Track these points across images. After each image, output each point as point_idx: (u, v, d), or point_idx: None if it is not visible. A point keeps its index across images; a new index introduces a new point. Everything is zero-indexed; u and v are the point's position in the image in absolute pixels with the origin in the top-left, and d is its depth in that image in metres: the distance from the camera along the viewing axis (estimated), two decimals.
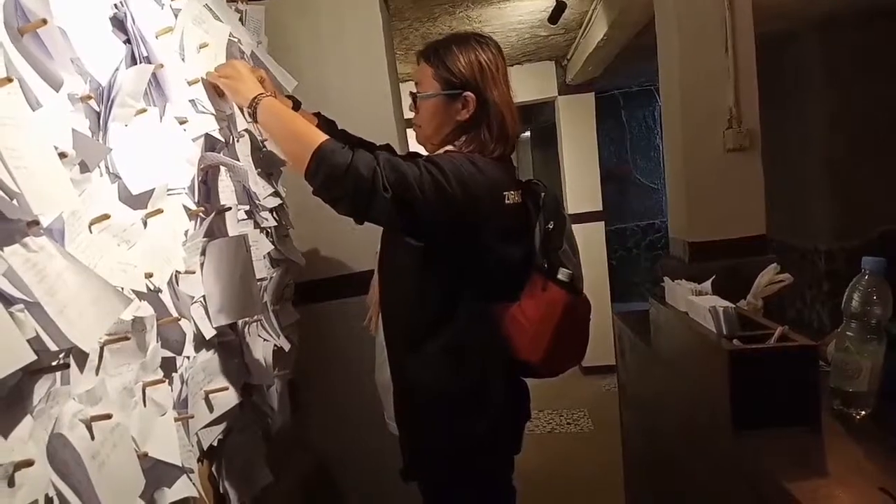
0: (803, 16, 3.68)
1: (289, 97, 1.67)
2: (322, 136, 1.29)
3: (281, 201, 1.79)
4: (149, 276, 1.03)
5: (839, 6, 3.52)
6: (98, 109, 0.98)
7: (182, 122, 1.26)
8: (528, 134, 7.44)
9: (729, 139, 2.18)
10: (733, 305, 1.35)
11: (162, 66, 1.15)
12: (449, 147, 1.43)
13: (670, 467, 1.66)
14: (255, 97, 1.36)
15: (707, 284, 1.55)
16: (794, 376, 1.16)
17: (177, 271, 1.16)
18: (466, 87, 1.40)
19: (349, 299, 2.07)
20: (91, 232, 0.90)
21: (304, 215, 2.08)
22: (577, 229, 5.18)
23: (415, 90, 1.47)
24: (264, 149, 1.72)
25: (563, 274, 1.38)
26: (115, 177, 1.00)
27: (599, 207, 5.04)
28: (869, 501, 0.92)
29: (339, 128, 1.73)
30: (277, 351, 1.65)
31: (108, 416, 0.86)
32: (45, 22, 0.80)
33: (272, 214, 1.71)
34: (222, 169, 1.41)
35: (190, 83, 1.33)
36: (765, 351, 1.18)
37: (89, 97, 0.94)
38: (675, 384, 1.55)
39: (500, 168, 1.41)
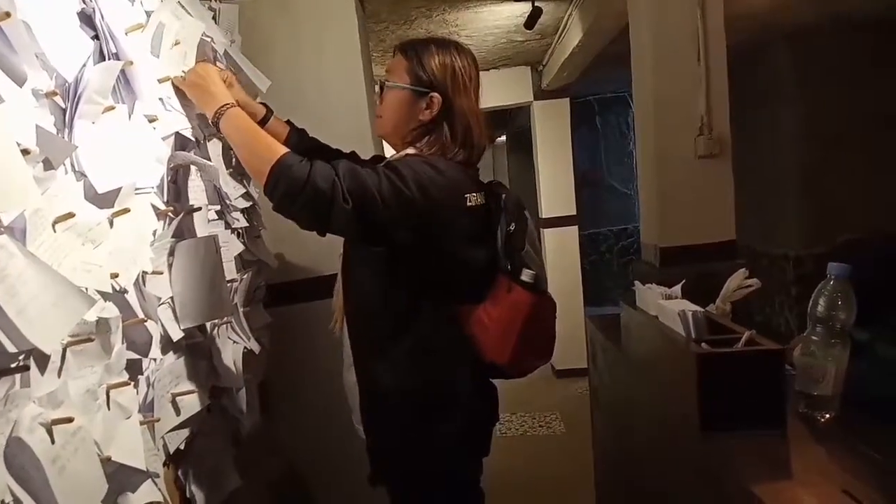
0: (775, 26, 3.76)
1: (262, 104, 1.65)
2: (281, 151, 1.26)
3: (253, 202, 1.77)
4: (114, 276, 1.01)
5: (809, 17, 3.59)
6: (64, 106, 0.96)
7: (152, 120, 1.24)
8: (503, 138, 7.48)
9: (700, 146, 2.22)
10: (702, 309, 1.37)
11: (132, 63, 1.13)
12: (410, 150, 1.42)
13: (640, 469, 1.67)
14: (220, 107, 1.33)
15: (677, 289, 1.57)
16: (760, 380, 1.18)
17: (144, 272, 1.14)
18: (435, 88, 1.39)
19: (321, 302, 2.05)
20: (55, 231, 0.88)
21: (277, 216, 2.05)
22: (551, 234, 5.21)
23: (386, 81, 1.46)
24: None
25: (526, 275, 1.38)
26: (81, 175, 0.98)
27: (573, 212, 5.07)
28: (831, 503, 0.94)
29: (311, 135, 1.71)
30: (247, 354, 1.63)
31: (70, 420, 0.84)
32: (8, 15, 0.78)
33: (243, 215, 1.69)
34: (193, 168, 1.39)
35: (160, 81, 1.31)
36: (732, 354, 1.20)
37: (55, 93, 0.92)
38: (645, 387, 1.56)
39: (462, 170, 1.40)
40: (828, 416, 1.23)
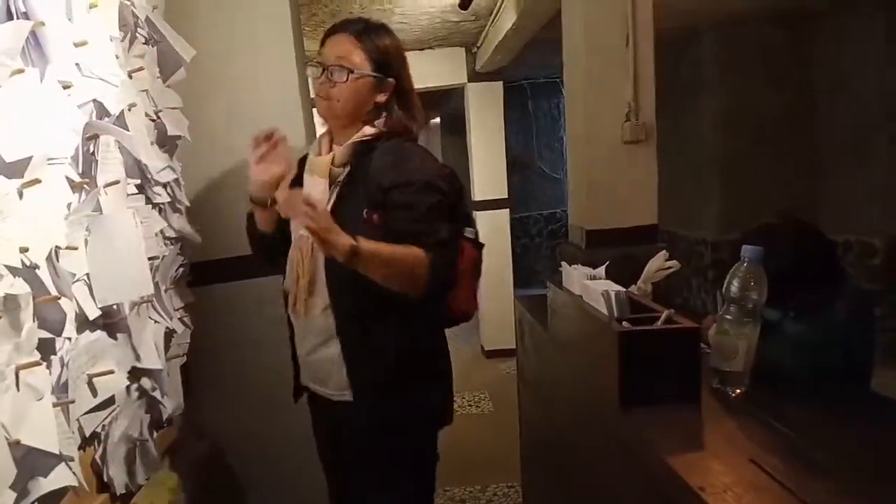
0: (703, 15, 3.88)
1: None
2: (417, 255, 1.37)
3: (176, 176, 1.71)
4: (24, 250, 0.96)
5: (736, 7, 3.73)
6: None
7: (66, 86, 1.17)
8: (438, 120, 7.47)
9: (626, 132, 2.28)
10: (625, 290, 1.41)
11: (43, 24, 1.07)
12: (369, 129, 1.48)
13: (563, 443, 1.72)
14: (351, 248, 1.29)
15: (601, 270, 1.62)
16: (677, 357, 1.23)
17: (57, 247, 1.08)
18: (391, 73, 1.48)
19: (249, 280, 2.01)
20: None
21: (202, 192, 2.01)
22: (483, 216, 5.25)
23: (333, 63, 1.44)
24: (158, 121, 1.64)
25: (469, 232, 1.59)
26: None
27: (505, 195, 5.14)
28: (739, 472, 0.99)
29: None
30: (169, 333, 1.58)
31: None
32: None
33: (166, 189, 1.63)
34: (111, 139, 1.33)
35: (77, 45, 1.23)
36: (652, 332, 1.24)
37: None
38: (569, 365, 1.61)
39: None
40: (739, 391, 1.29)
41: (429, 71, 4.83)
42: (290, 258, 1.54)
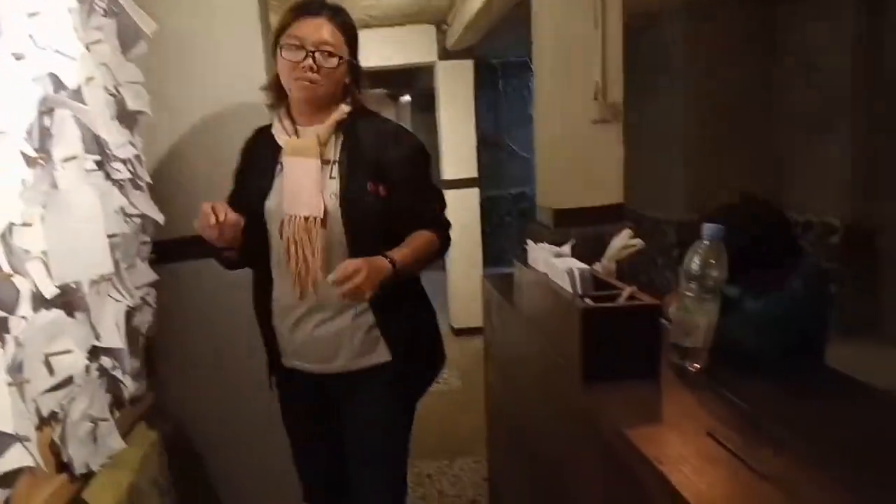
0: None
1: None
2: (429, 238, 1.57)
3: (136, 152, 1.67)
4: None
5: None
6: None
7: (19, 58, 1.14)
8: (408, 98, 7.42)
9: (594, 111, 2.29)
10: (588, 267, 1.43)
11: None
12: (344, 107, 1.55)
13: (528, 418, 1.75)
14: (389, 266, 1.44)
15: (566, 248, 1.63)
16: (638, 333, 1.25)
17: (11, 223, 1.06)
18: (356, 55, 1.57)
19: (211, 259, 1.98)
20: None
21: (164, 168, 1.97)
22: (453, 195, 5.26)
23: (320, 48, 1.47)
24: (118, 95, 1.60)
25: None
26: None
27: (475, 174, 5.14)
28: (696, 444, 1.02)
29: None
30: (131, 312, 1.56)
31: None
32: None
33: (125, 166, 1.59)
34: (68, 113, 1.29)
35: (30, 16, 1.19)
36: (613, 309, 1.26)
37: None
38: (534, 342, 1.62)
39: None
40: (697, 366, 1.32)
41: (398, 48, 4.79)
42: (286, 243, 1.51)
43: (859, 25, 4.01)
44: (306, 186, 1.49)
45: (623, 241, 1.77)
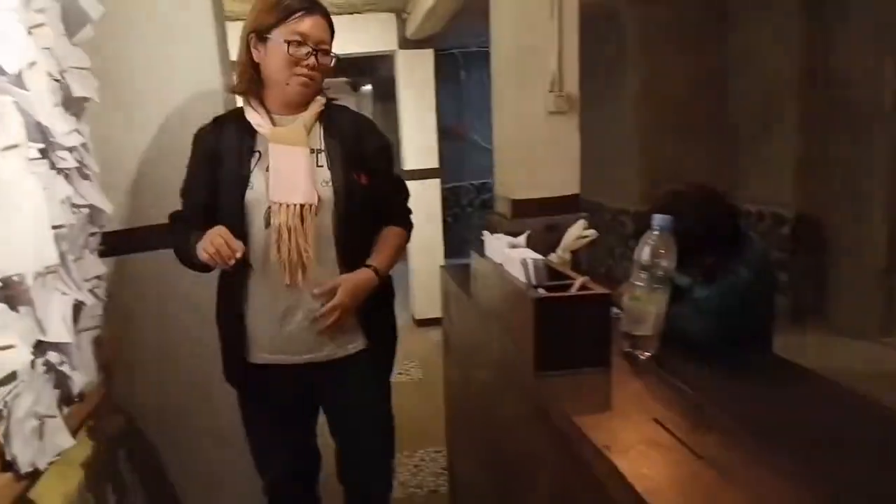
0: None
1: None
2: (399, 234, 1.70)
3: (83, 140, 1.62)
4: None
5: None
6: None
7: None
8: (369, 87, 7.37)
9: (550, 102, 2.30)
10: (543, 258, 1.45)
11: None
12: (322, 98, 1.62)
13: (485, 409, 1.77)
14: (372, 272, 1.58)
15: (522, 238, 1.65)
16: (590, 322, 1.27)
17: None
18: None
19: (167, 251, 1.94)
20: None
21: (113, 157, 1.91)
22: (414, 186, 5.25)
23: (322, 47, 1.54)
24: (63, 81, 1.55)
25: None
26: None
27: (436, 165, 5.13)
28: (642, 430, 1.04)
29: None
30: (79, 305, 1.52)
31: None
32: None
33: (72, 154, 1.54)
34: (8, 99, 1.25)
35: None
36: (565, 298, 1.28)
37: None
38: (489, 331, 1.64)
39: None
40: (648, 354, 1.35)
41: (358, 36, 4.74)
42: (277, 230, 1.51)
43: (804, 23, 4.12)
44: (300, 174, 1.51)
45: (577, 231, 1.80)
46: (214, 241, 1.42)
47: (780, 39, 4.17)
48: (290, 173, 1.51)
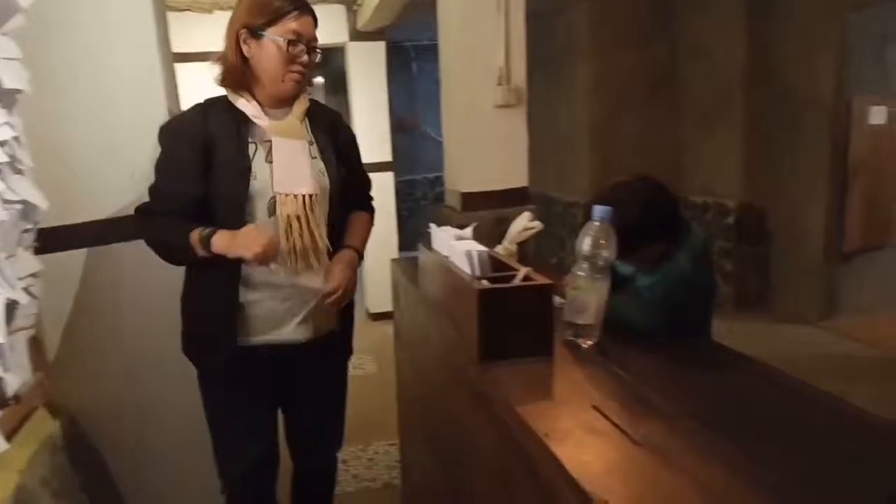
0: None
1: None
2: (367, 219, 1.88)
3: (15, 133, 1.56)
4: None
5: None
6: None
7: None
8: (321, 80, 7.28)
9: (498, 96, 2.32)
10: (487, 249, 1.46)
11: None
12: (304, 93, 1.68)
13: (433, 400, 1.78)
14: (354, 252, 1.73)
15: (468, 230, 1.66)
16: (532, 312, 1.29)
17: None
18: None
19: (105, 247, 1.89)
20: None
21: (48, 151, 1.85)
22: None
23: (314, 45, 1.59)
24: None
25: None
26: None
27: (389, 158, 5.11)
28: (582, 418, 1.06)
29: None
30: (12, 304, 1.47)
31: None
32: None
33: (3, 148, 1.49)
34: None
35: None
36: (507, 289, 1.29)
37: None
38: (436, 323, 1.64)
39: None
40: (589, 342, 1.38)
41: None
42: (286, 220, 1.55)
43: (747, 20, 4.23)
44: (303, 166, 1.58)
45: (523, 223, 1.81)
46: (260, 241, 1.45)
47: (731, 31, 4.28)
48: (295, 165, 1.57)
